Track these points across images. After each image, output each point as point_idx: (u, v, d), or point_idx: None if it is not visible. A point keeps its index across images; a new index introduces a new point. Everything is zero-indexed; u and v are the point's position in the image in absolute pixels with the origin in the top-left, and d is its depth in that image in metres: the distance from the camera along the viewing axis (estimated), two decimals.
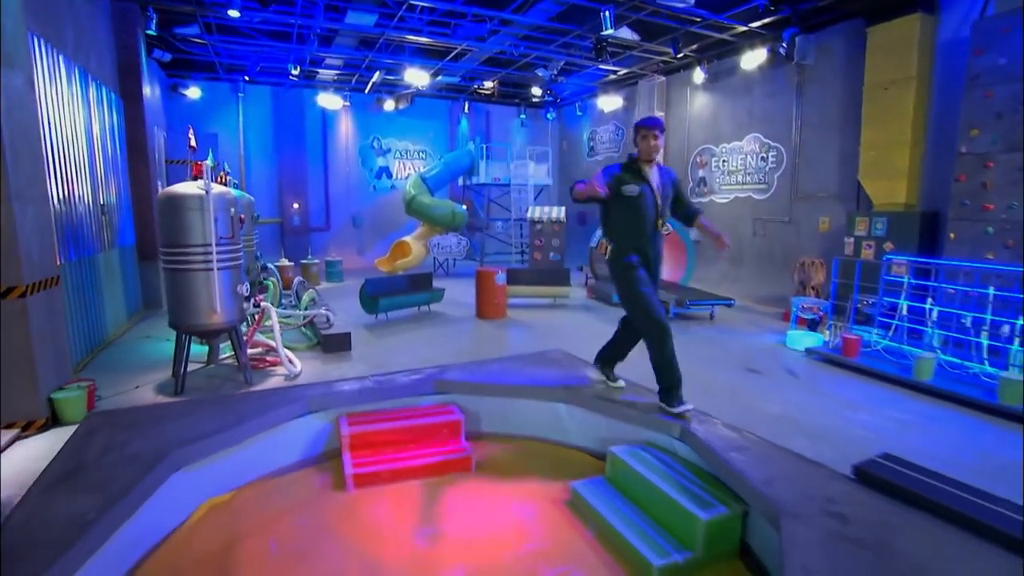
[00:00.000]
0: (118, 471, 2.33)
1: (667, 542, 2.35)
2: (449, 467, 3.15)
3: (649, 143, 3.35)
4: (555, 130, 16.08)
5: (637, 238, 3.37)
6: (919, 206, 7.27)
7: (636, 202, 3.33)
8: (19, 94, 4.02)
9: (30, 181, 4.13)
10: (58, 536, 1.87)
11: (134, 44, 8.39)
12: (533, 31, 9.52)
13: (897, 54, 7.12)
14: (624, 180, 3.37)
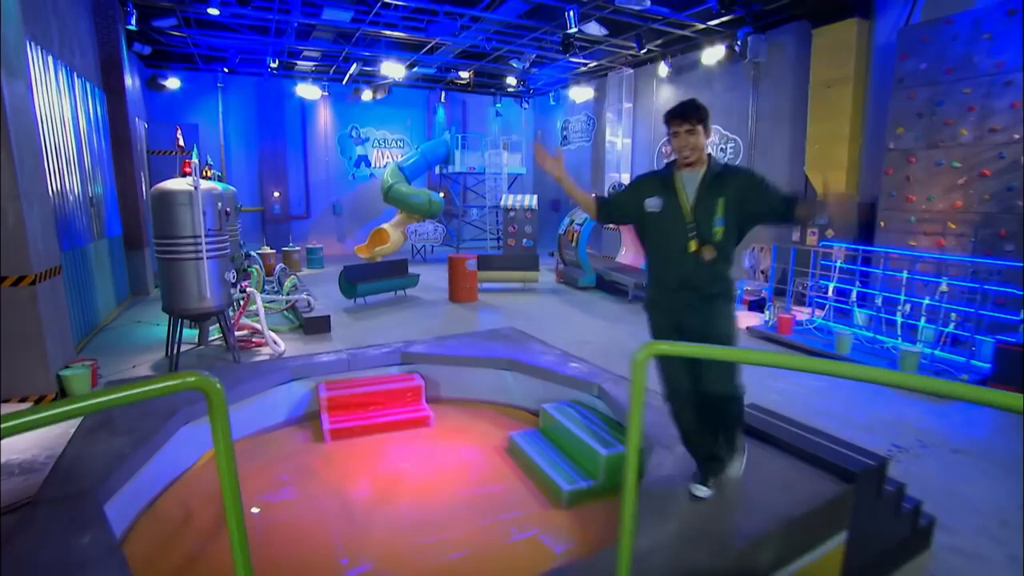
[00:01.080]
0: (140, 422, 2.91)
1: (577, 474, 3.00)
2: (411, 424, 3.78)
3: (680, 140, 2.39)
4: (530, 119, 16.61)
5: (659, 267, 2.51)
6: (859, 196, 8.00)
7: (657, 221, 2.44)
8: (21, 100, 4.50)
9: (33, 180, 4.63)
10: (103, 465, 2.46)
11: (115, 39, 8.74)
12: (504, 27, 10.02)
13: (837, 55, 7.79)
14: (645, 191, 2.49)
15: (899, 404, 4.85)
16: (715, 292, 2.41)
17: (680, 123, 2.39)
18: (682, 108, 2.41)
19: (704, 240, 2.36)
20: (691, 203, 2.39)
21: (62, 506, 2.13)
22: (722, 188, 2.39)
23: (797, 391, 5.10)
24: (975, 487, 3.56)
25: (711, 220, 2.37)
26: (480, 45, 10.95)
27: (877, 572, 2.70)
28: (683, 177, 2.44)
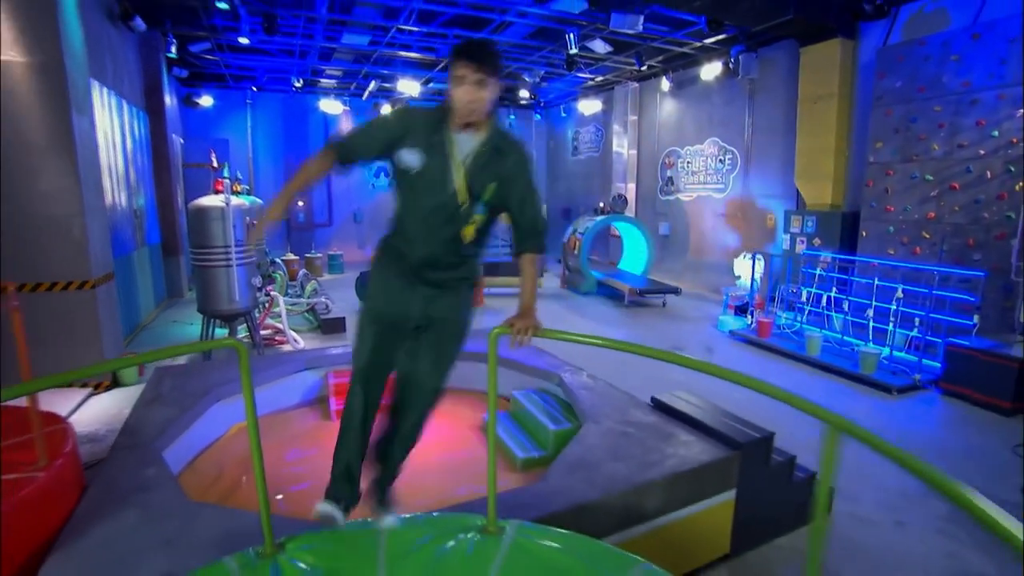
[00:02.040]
0: (182, 399, 3.72)
1: (531, 445, 3.68)
2: None
3: (465, 90, 1.88)
4: (543, 130, 17.34)
5: (405, 235, 2.06)
6: (845, 207, 8.48)
7: (412, 183, 1.99)
8: (86, 133, 5.43)
9: (93, 197, 5.55)
10: (157, 428, 3.26)
11: (157, 66, 9.82)
12: (511, 47, 10.79)
13: (823, 73, 8.31)
14: (404, 136, 1.97)
15: (850, 400, 5.39)
16: (464, 277, 2.15)
17: (470, 68, 1.84)
18: (477, 48, 1.89)
19: (465, 222, 2.00)
20: (463, 176, 1.95)
21: (132, 452, 2.93)
22: (498, 167, 1.99)
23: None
24: (885, 467, 4.06)
25: (474, 204, 1.99)
26: None
27: (774, 528, 3.32)
28: (458, 139, 1.96)
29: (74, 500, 2.45)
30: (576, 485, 2.69)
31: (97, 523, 2.29)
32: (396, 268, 2.08)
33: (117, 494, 2.52)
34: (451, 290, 2.13)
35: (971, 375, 5.37)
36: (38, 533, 2.17)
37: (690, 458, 2.95)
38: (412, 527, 2.16)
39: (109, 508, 2.40)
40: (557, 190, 16.79)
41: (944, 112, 6.77)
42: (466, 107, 1.90)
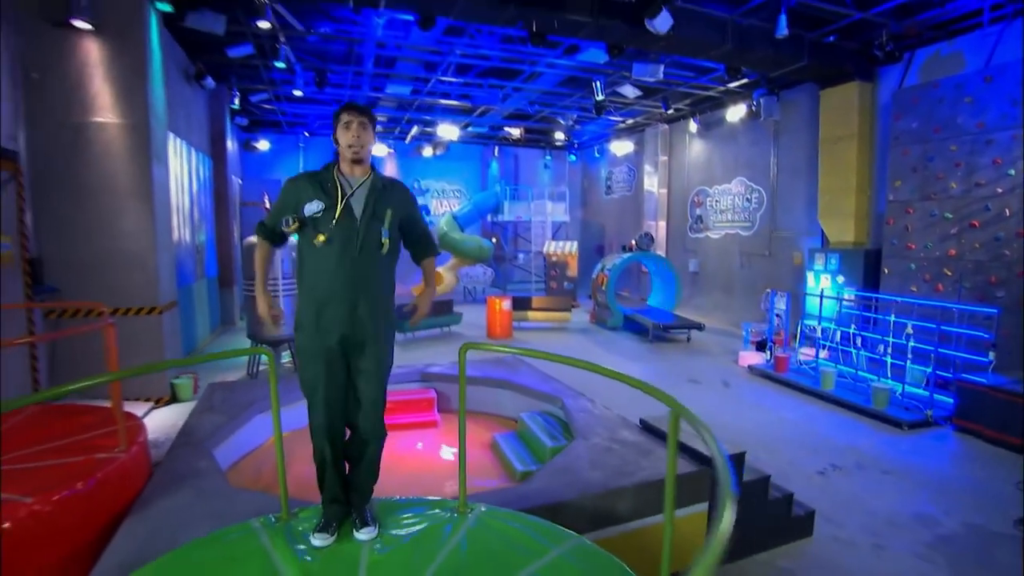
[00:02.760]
0: (230, 410, 4.37)
1: (530, 460, 4.11)
2: (422, 425, 5.03)
3: (353, 133, 2.31)
4: (578, 170, 18.03)
5: (322, 276, 2.30)
6: (868, 244, 8.63)
7: (321, 223, 2.28)
8: (162, 180, 6.38)
9: (165, 235, 6.46)
10: (209, 431, 3.91)
11: (222, 116, 11.08)
12: (544, 94, 11.58)
13: (842, 115, 8.63)
14: (302, 194, 2.32)
15: (859, 434, 5.56)
16: (384, 296, 2.40)
17: (355, 114, 2.33)
18: (358, 103, 2.46)
19: (368, 249, 2.31)
20: (360, 207, 2.33)
21: (188, 449, 3.56)
22: (389, 197, 2.40)
23: (769, 419, 5.91)
24: (880, 497, 4.32)
25: (379, 229, 2.34)
26: (523, 109, 12.58)
27: (751, 544, 3.62)
28: (348, 180, 2.37)
29: (144, 480, 3.07)
30: (554, 487, 3.12)
31: (160, 498, 2.89)
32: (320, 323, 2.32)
33: (175, 479, 3.13)
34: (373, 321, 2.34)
35: (983, 411, 5.45)
36: (118, 501, 2.78)
37: (661, 470, 3.33)
38: (395, 506, 2.66)
39: (169, 488, 3.00)
40: (591, 228, 17.32)
41: (960, 151, 6.98)
42: (354, 146, 2.32)
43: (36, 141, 5.26)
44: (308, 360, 2.36)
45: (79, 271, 5.48)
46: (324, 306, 2.30)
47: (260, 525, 2.42)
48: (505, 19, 6.71)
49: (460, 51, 9.01)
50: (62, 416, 3.54)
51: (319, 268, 2.30)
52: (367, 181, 2.39)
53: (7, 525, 2.32)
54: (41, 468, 2.76)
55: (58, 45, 5.22)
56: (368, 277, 2.32)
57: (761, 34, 7.48)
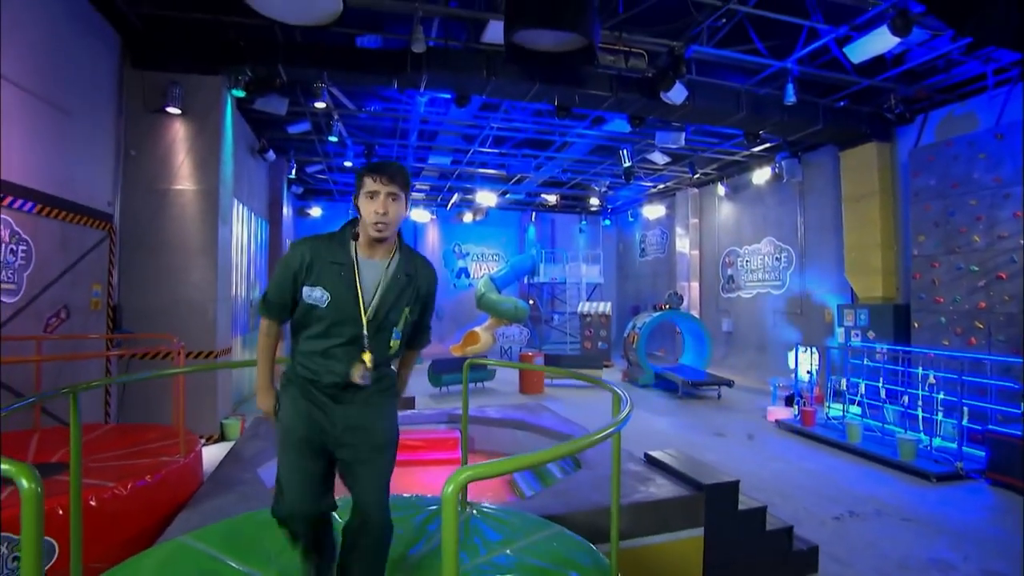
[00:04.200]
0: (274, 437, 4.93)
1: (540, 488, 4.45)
2: (447, 463, 5.44)
3: (379, 203, 1.89)
4: (612, 234, 18.69)
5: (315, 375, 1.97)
6: (898, 299, 8.72)
7: (321, 316, 1.94)
8: (226, 239, 7.32)
9: (224, 288, 7.33)
10: (253, 452, 4.45)
11: (279, 185, 12.38)
12: (575, 163, 12.44)
13: (862, 174, 9.00)
14: (307, 271, 1.93)
15: (882, 484, 5.57)
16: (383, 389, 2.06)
17: (384, 181, 1.89)
18: (389, 165, 1.94)
19: (376, 351, 1.96)
20: (375, 304, 1.95)
21: (235, 464, 4.10)
22: (412, 290, 2.04)
23: (790, 469, 5.99)
24: (896, 542, 4.38)
25: (389, 332, 2.00)
26: (557, 176, 13.47)
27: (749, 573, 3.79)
28: (365, 264, 1.96)
29: (197, 484, 3.61)
30: (552, 504, 3.46)
31: (209, 499, 3.41)
32: (308, 395, 1.98)
33: (223, 486, 3.65)
34: (370, 403, 2.02)
35: (1016, 464, 5.40)
36: (176, 497, 3.32)
37: (656, 493, 3.63)
38: (395, 503, 3.08)
39: (217, 492, 3.52)
40: (626, 290, 17.72)
41: (980, 206, 7.20)
42: (378, 223, 1.88)
43: (127, 205, 6.27)
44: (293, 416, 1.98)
45: (150, 317, 6.31)
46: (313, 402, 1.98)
47: None
48: (532, 95, 7.57)
49: (495, 124, 9.97)
50: (135, 432, 4.17)
51: (313, 360, 1.96)
52: (390, 268, 1.99)
53: (94, 503, 2.88)
54: (120, 465, 3.35)
55: (153, 127, 6.34)
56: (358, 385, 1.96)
57: (774, 101, 8.07)
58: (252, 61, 6.54)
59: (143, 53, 6.34)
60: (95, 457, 3.47)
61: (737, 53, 7.06)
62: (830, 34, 6.50)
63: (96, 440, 3.91)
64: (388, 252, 2.01)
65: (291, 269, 1.95)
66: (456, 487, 1.03)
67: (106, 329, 5.81)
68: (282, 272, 1.98)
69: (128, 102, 6.28)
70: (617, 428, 1.54)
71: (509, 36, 4.81)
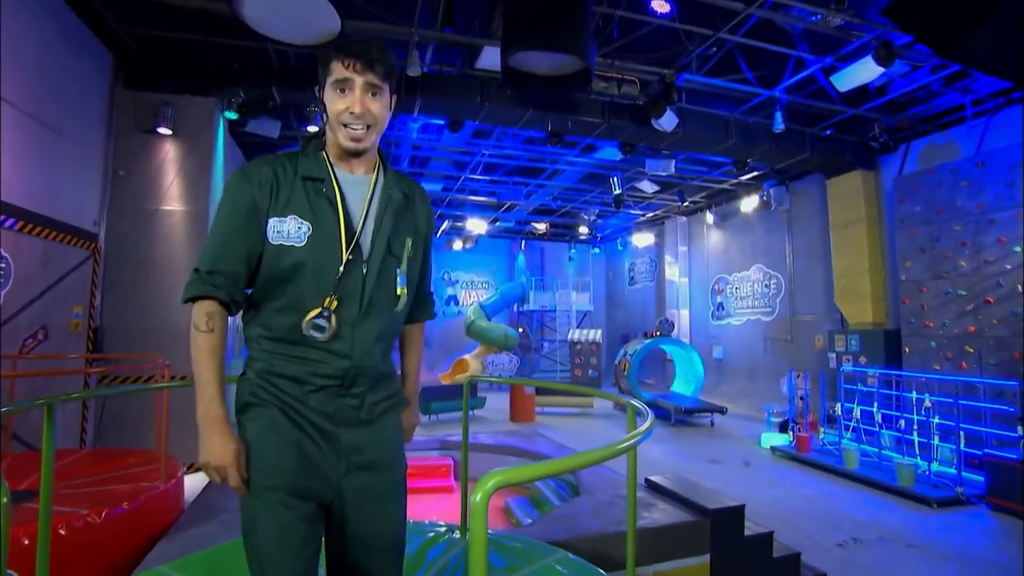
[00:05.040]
0: None
1: (536, 516, 4.26)
2: (439, 490, 5.23)
3: (355, 99, 1.33)
4: (602, 262, 18.74)
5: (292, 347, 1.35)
6: (888, 324, 8.73)
7: (301, 262, 1.32)
8: None
9: None
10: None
11: None
12: (565, 191, 12.51)
13: (849, 201, 9.12)
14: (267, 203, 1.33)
15: (883, 510, 5.45)
16: (391, 395, 1.48)
17: (359, 68, 1.32)
18: (365, 43, 1.34)
19: (378, 306, 1.39)
20: (369, 230, 1.39)
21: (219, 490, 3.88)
22: (411, 216, 1.50)
23: (789, 496, 5.85)
24: (903, 569, 4.25)
25: (393, 272, 1.42)
26: (547, 204, 13.52)
27: None
28: (342, 178, 1.40)
29: (178, 511, 3.40)
30: (553, 531, 3.30)
31: (190, 527, 3.20)
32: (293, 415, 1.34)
33: (205, 513, 3.44)
34: (380, 421, 1.44)
35: (1015, 488, 5.32)
36: (155, 524, 3.11)
37: (660, 519, 3.48)
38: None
39: (199, 520, 3.31)
40: (616, 318, 17.67)
41: (965, 231, 7.28)
42: (352, 127, 1.34)
43: (114, 224, 6.12)
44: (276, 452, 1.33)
45: (134, 339, 6.09)
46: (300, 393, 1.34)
47: None
48: (525, 121, 7.61)
49: (487, 151, 10.01)
50: (113, 457, 3.95)
51: (292, 333, 1.33)
52: (374, 185, 1.43)
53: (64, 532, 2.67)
54: (95, 492, 3.14)
55: (143, 147, 6.23)
56: (373, 354, 1.39)
57: (763, 130, 8.19)
58: (246, 83, 6.52)
59: (135, 73, 6.29)
60: (68, 483, 3.25)
61: (727, 82, 7.18)
62: (816, 64, 6.64)
63: (70, 465, 3.69)
64: (371, 167, 1.45)
65: (245, 197, 1.30)
66: (485, 495, 0.91)
67: (86, 352, 5.59)
68: (230, 208, 1.32)
69: (119, 122, 6.19)
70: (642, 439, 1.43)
71: (506, 59, 4.83)
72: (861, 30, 5.96)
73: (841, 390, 7.55)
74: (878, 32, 5.92)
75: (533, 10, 4.53)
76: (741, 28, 6.01)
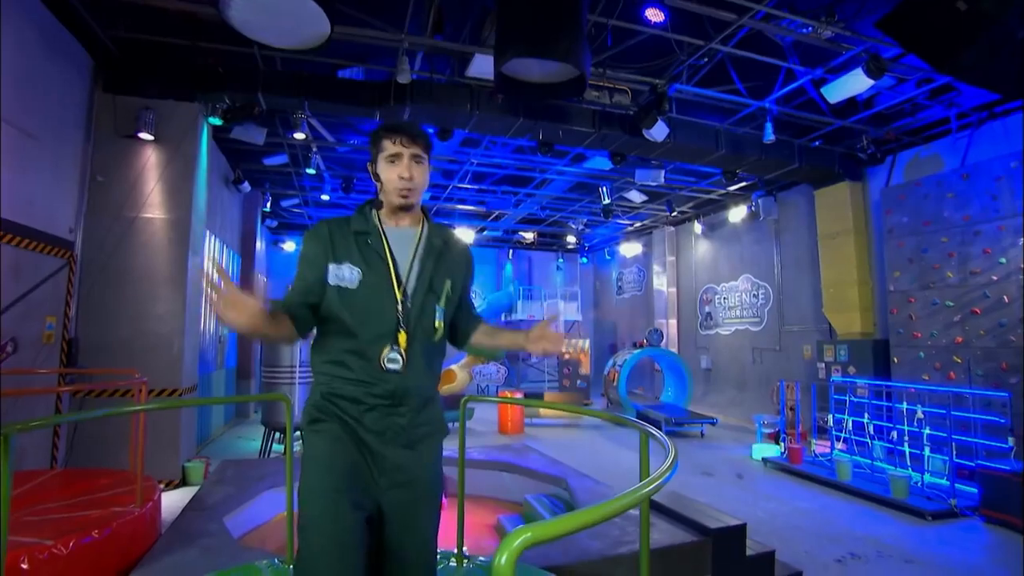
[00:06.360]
0: (242, 482, 4.49)
1: None
2: None
3: (403, 167, 1.67)
4: (589, 271, 18.70)
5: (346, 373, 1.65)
6: (877, 334, 8.74)
7: (354, 300, 1.65)
8: (197, 269, 6.93)
9: (192, 322, 6.88)
10: (219, 499, 4.02)
11: (253, 218, 12.01)
12: (554, 200, 12.44)
13: (836, 212, 9.15)
14: (329, 253, 1.68)
15: (879, 524, 5.38)
16: (435, 420, 1.75)
17: (406, 141, 1.66)
18: (409, 125, 1.72)
19: (419, 337, 1.66)
20: (413, 276, 1.69)
21: (198, 514, 3.68)
22: (450, 262, 1.77)
23: (784, 510, 5.76)
24: None
25: (433, 308, 1.69)
26: (536, 213, 13.43)
27: None
28: (390, 233, 1.71)
29: (155, 536, 3.19)
30: (550, 553, 3.15)
31: (168, 554, 2.99)
32: (349, 431, 1.61)
33: (184, 538, 3.23)
34: (421, 446, 1.68)
35: (1010, 500, 5.28)
36: (130, 553, 2.91)
37: (660, 540, 3.35)
38: None
39: (177, 546, 3.11)
40: (604, 327, 17.61)
41: (951, 242, 7.31)
42: (402, 188, 1.66)
43: (91, 232, 5.87)
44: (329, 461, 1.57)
45: (111, 351, 5.84)
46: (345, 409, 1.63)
47: (264, 565, 2.52)
48: (515, 130, 7.52)
49: (476, 160, 9.90)
50: (83, 478, 3.72)
51: (346, 364, 1.64)
52: (420, 236, 1.74)
53: (26, 566, 2.47)
54: (62, 519, 2.93)
55: (123, 152, 6.01)
56: (417, 381, 1.65)
57: (752, 140, 8.19)
58: (230, 88, 6.33)
59: (116, 77, 6.07)
60: (33, 509, 3.03)
61: (718, 92, 7.15)
62: (806, 75, 6.64)
63: (36, 489, 3.46)
64: (416, 220, 1.78)
65: (317, 248, 1.68)
66: (511, 557, 0.77)
67: (59, 365, 5.33)
68: (306, 255, 1.71)
69: (98, 126, 5.96)
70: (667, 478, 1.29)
71: (499, 66, 4.72)
72: (851, 43, 5.96)
73: (832, 401, 7.51)
74: (868, 45, 5.93)
75: (527, 17, 4.43)
76: (732, 39, 5.99)
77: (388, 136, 1.68)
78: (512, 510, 5.05)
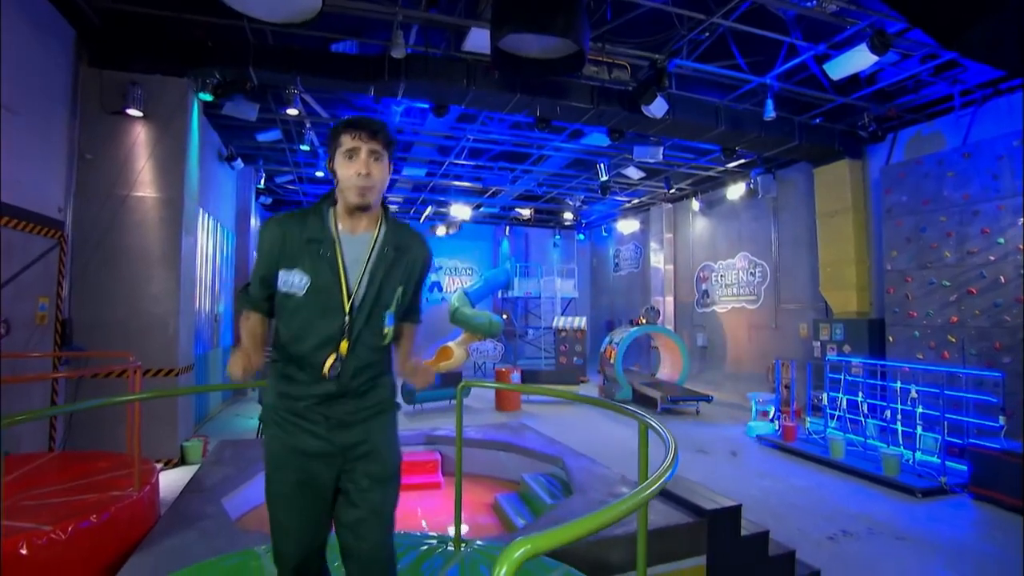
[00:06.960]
0: (240, 462, 4.50)
1: (531, 517, 4.14)
2: (426, 487, 5.07)
3: (360, 163, 1.61)
4: (586, 248, 18.63)
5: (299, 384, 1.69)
6: (872, 313, 8.77)
7: (300, 306, 1.64)
8: (191, 249, 6.85)
9: (187, 301, 6.84)
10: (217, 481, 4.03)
11: (248, 195, 11.87)
12: (551, 176, 12.31)
13: (835, 190, 9.08)
14: (281, 255, 1.65)
15: (870, 501, 5.46)
16: (379, 402, 1.76)
17: (365, 136, 1.61)
18: (369, 120, 1.65)
19: (364, 343, 1.67)
20: (363, 284, 1.66)
21: (197, 495, 3.69)
22: (404, 268, 1.73)
23: (778, 488, 5.84)
24: (894, 562, 4.24)
25: (381, 316, 1.69)
26: (532, 190, 13.31)
27: None
28: (347, 240, 1.67)
29: (153, 520, 3.20)
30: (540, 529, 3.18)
31: (166, 538, 3.00)
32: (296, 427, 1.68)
33: (183, 521, 3.25)
34: (370, 421, 1.73)
35: (998, 478, 5.36)
36: (128, 537, 2.91)
37: (656, 521, 3.37)
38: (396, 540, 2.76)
39: (176, 529, 3.12)
40: (600, 304, 17.63)
41: (950, 222, 7.28)
42: (359, 186, 1.60)
43: (82, 212, 5.78)
44: (276, 468, 1.72)
45: (105, 332, 5.81)
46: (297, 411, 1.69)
47: (263, 550, 2.53)
48: (512, 106, 7.38)
49: (472, 136, 9.74)
50: (81, 461, 3.72)
51: (296, 363, 1.68)
52: (376, 239, 1.68)
53: (24, 552, 2.47)
54: (60, 503, 2.92)
55: (111, 129, 5.88)
56: (358, 381, 1.69)
57: (752, 117, 8.07)
58: (220, 63, 6.17)
59: (101, 51, 5.90)
60: (31, 493, 3.03)
61: (718, 68, 7.01)
62: (809, 51, 6.51)
63: (33, 473, 3.45)
64: (373, 223, 1.72)
65: (269, 251, 1.67)
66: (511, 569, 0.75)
67: (53, 346, 5.30)
68: (261, 250, 1.71)
69: (83, 103, 5.82)
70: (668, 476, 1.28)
71: (496, 41, 4.60)
72: (856, 17, 5.82)
73: (827, 379, 7.57)
74: (873, 19, 5.80)
75: None
76: (735, 12, 5.85)
77: (347, 131, 1.63)
78: (509, 488, 5.09)
